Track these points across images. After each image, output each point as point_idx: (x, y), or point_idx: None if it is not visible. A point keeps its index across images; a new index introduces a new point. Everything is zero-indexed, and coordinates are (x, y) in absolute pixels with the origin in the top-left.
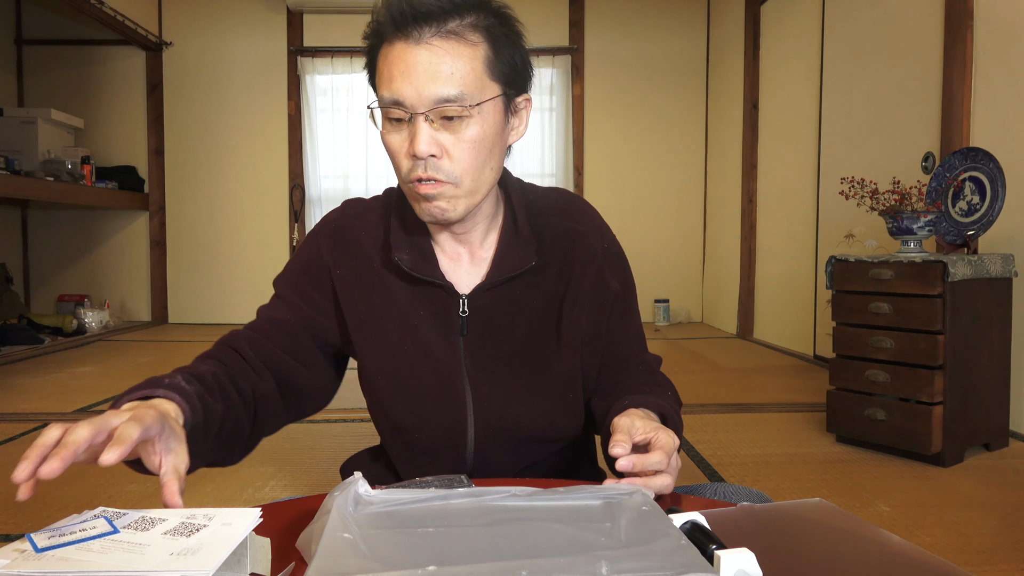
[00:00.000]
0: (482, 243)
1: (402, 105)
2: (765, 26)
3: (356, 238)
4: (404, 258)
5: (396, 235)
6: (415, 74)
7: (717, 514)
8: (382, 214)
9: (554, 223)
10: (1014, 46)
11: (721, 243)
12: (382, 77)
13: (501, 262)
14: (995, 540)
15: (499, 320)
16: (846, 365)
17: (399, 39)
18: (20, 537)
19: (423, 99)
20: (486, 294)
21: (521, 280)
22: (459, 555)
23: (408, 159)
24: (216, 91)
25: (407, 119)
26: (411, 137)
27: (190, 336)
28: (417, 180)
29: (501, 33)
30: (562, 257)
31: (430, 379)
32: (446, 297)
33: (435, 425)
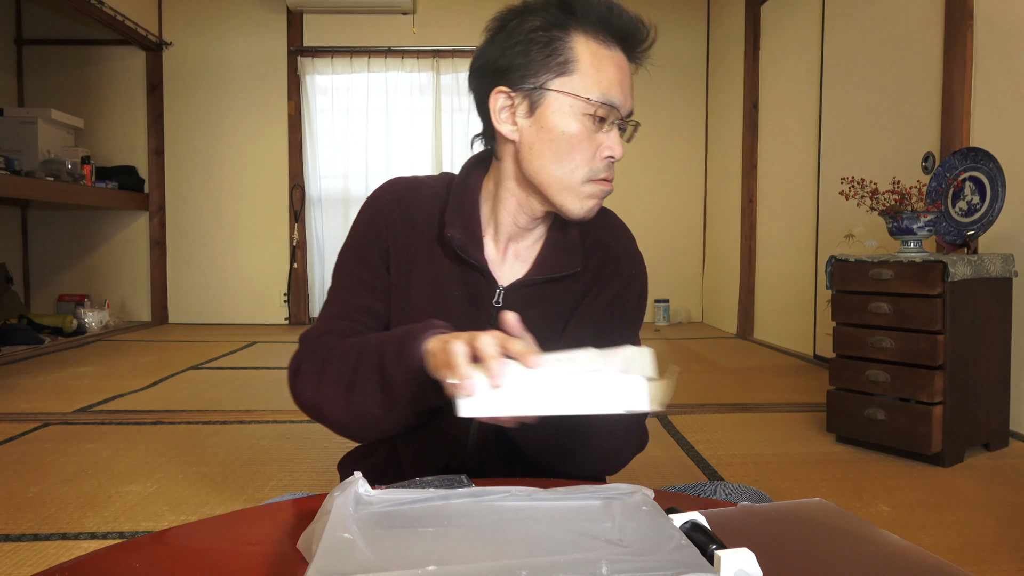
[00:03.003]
0: (531, 244)
1: (615, 110)
2: (765, 26)
3: (408, 209)
4: (456, 236)
5: (452, 214)
6: (627, 86)
7: (717, 514)
8: (437, 192)
9: (596, 235)
10: (1014, 46)
11: (721, 243)
12: (600, 76)
13: (544, 262)
14: (995, 540)
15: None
16: (846, 365)
17: (617, 47)
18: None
19: (627, 110)
20: (523, 290)
21: (559, 284)
22: (459, 555)
23: (599, 160)
24: (216, 91)
25: (611, 122)
26: (610, 141)
27: (190, 336)
28: (604, 179)
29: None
30: (596, 270)
31: None
32: (484, 284)
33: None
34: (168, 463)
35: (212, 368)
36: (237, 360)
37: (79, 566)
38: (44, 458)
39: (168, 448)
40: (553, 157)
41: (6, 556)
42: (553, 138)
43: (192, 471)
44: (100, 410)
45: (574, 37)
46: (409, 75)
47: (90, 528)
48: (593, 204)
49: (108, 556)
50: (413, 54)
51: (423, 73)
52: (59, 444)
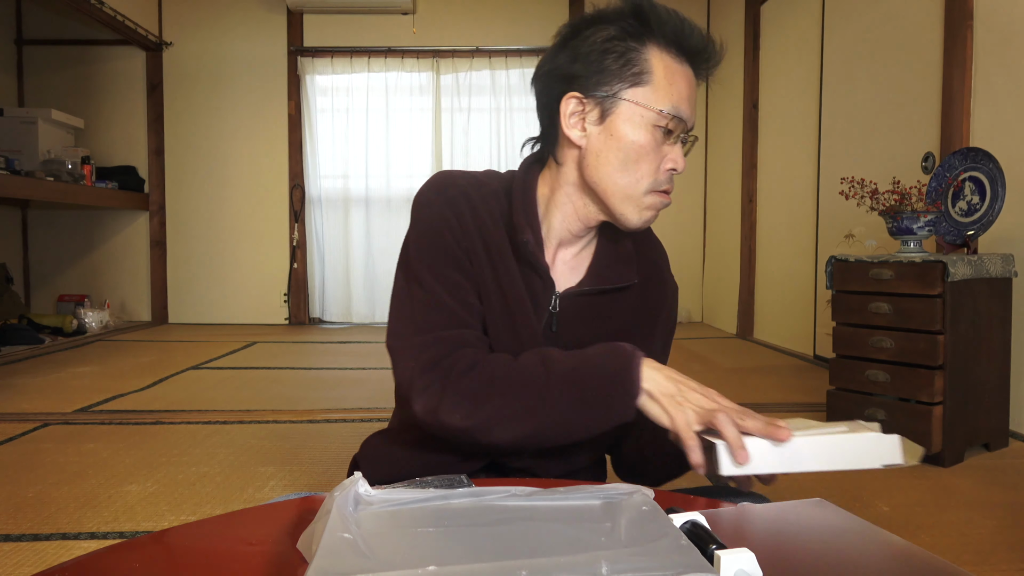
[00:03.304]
0: (580, 252)
1: (683, 123)
2: (765, 26)
3: (477, 207)
4: (529, 239)
5: (520, 216)
6: (695, 100)
7: (717, 514)
8: (495, 191)
9: (646, 253)
10: (1014, 46)
11: (721, 243)
12: (673, 89)
13: (599, 272)
14: (995, 540)
15: (579, 325)
16: (846, 365)
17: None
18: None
19: (691, 124)
20: (577, 299)
21: (612, 295)
22: (459, 555)
23: (661, 172)
24: (216, 91)
25: (677, 134)
26: (674, 154)
27: (190, 336)
28: (666, 191)
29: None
30: (645, 287)
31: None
32: (542, 289)
33: None
34: (168, 463)
35: (212, 368)
36: (237, 360)
37: (79, 566)
38: (44, 458)
39: (168, 448)
40: (620, 165)
41: (6, 556)
42: (622, 147)
43: (192, 471)
44: (100, 410)
45: (649, 49)
46: (409, 75)
47: (90, 528)
48: (651, 215)
49: (108, 556)
50: (413, 54)
51: (423, 73)
52: (59, 444)
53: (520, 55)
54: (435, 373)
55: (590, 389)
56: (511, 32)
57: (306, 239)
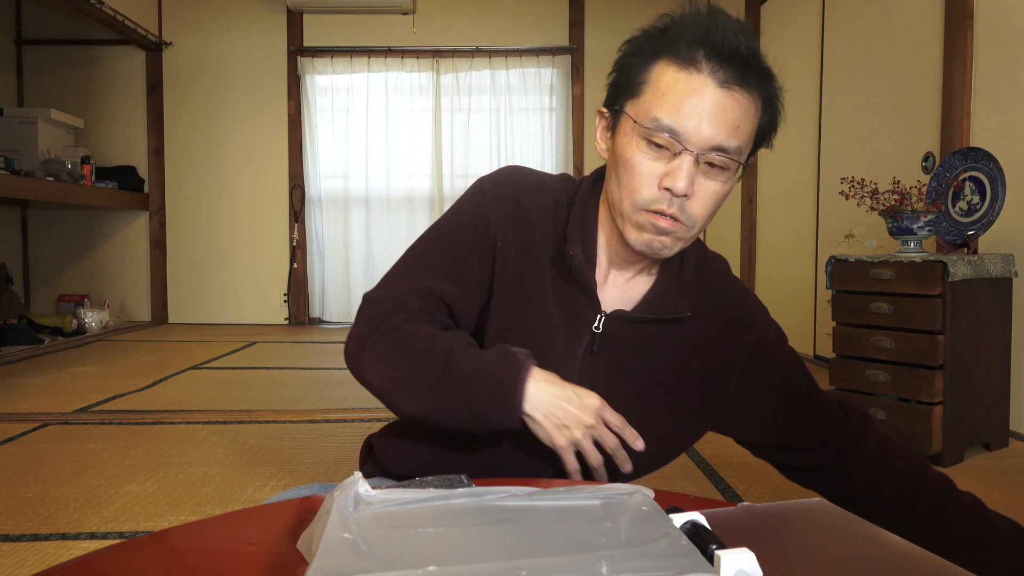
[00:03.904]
0: (634, 276)
1: (678, 138)
2: (765, 26)
3: (527, 212)
4: (576, 255)
5: (575, 228)
6: (707, 114)
7: (717, 514)
8: (557, 199)
9: (712, 280)
10: (1014, 46)
11: (721, 243)
12: (664, 100)
13: (654, 301)
14: None
15: (627, 352)
16: (846, 365)
17: (700, 71)
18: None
19: (703, 140)
20: (625, 324)
21: (664, 326)
22: (459, 555)
23: (657, 189)
24: (216, 91)
25: (674, 151)
26: (672, 170)
27: (190, 336)
28: (658, 212)
29: (775, 101)
30: (712, 317)
31: None
32: (586, 307)
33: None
34: (168, 463)
35: (212, 368)
36: (237, 360)
37: (79, 566)
38: (44, 458)
39: (168, 448)
40: (616, 180)
41: (6, 556)
42: (618, 161)
43: (192, 471)
44: (100, 410)
45: (659, 61)
46: (409, 75)
47: (90, 528)
48: (649, 238)
49: (108, 556)
50: (413, 54)
51: (423, 73)
52: (59, 444)
53: (520, 55)
54: (367, 327)
55: (476, 398)
56: (511, 32)
57: (306, 239)
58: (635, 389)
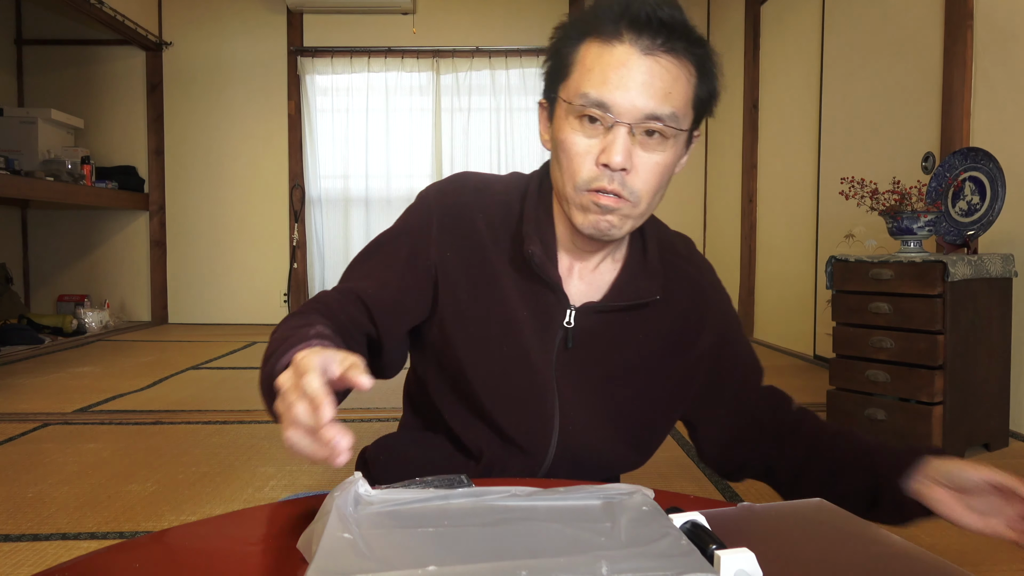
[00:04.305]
0: (598, 265)
1: (608, 110)
2: (765, 26)
3: (471, 219)
4: (535, 252)
5: (531, 226)
6: (634, 83)
7: (717, 514)
8: (507, 201)
9: (679, 265)
10: (1014, 46)
11: (721, 243)
12: (589, 75)
13: (622, 288)
14: (995, 540)
15: (601, 343)
16: (846, 365)
17: (622, 42)
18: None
19: (634, 110)
20: (596, 315)
21: (636, 312)
22: (459, 555)
23: (595, 166)
24: (216, 91)
25: (607, 125)
26: (606, 145)
27: (190, 336)
28: (599, 190)
29: (708, 65)
30: (681, 301)
31: (523, 383)
32: (555, 303)
33: (522, 425)
34: (168, 463)
35: (212, 368)
36: (237, 360)
37: (79, 566)
38: (44, 458)
39: (168, 448)
40: (556, 164)
41: (6, 556)
42: (558, 145)
43: (192, 471)
44: (100, 410)
45: (584, 41)
46: (409, 75)
47: (90, 528)
48: (595, 219)
49: (108, 556)
50: (413, 54)
51: (423, 73)
52: (59, 444)
53: (520, 55)
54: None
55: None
56: (511, 32)
57: (306, 239)
58: (615, 380)
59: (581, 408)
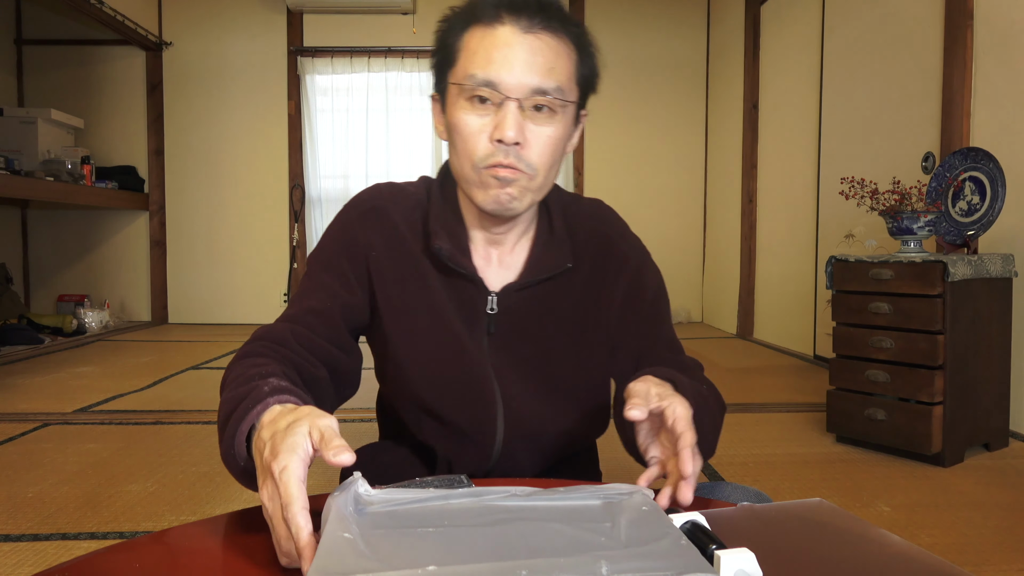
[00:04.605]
0: (513, 248)
1: (495, 87)
2: (765, 26)
3: (392, 221)
4: (443, 247)
5: (436, 223)
6: (518, 60)
7: (717, 514)
8: (419, 201)
9: (587, 226)
10: (1014, 46)
11: (721, 243)
12: (475, 57)
13: (535, 264)
14: (995, 540)
15: (526, 321)
16: (846, 365)
17: (503, 24)
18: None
19: (521, 86)
20: (516, 294)
21: (553, 282)
22: (459, 555)
23: (489, 143)
24: (216, 91)
25: (497, 103)
26: (498, 121)
27: (190, 336)
28: (495, 165)
29: (586, 43)
30: (593, 261)
31: (459, 371)
32: (475, 293)
33: (467, 414)
34: (168, 463)
35: (212, 368)
36: None
37: (79, 566)
38: (44, 458)
39: (168, 448)
40: (454, 150)
41: (6, 556)
42: (452, 130)
43: (192, 471)
44: (100, 410)
45: (468, 29)
46: (409, 75)
47: (90, 528)
48: (491, 193)
49: (108, 556)
50: (413, 54)
51: (423, 73)
52: (59, 444)
53: None
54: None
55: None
56: None
57: (306, 239)
58: (548, 353)
59: (521, 387)
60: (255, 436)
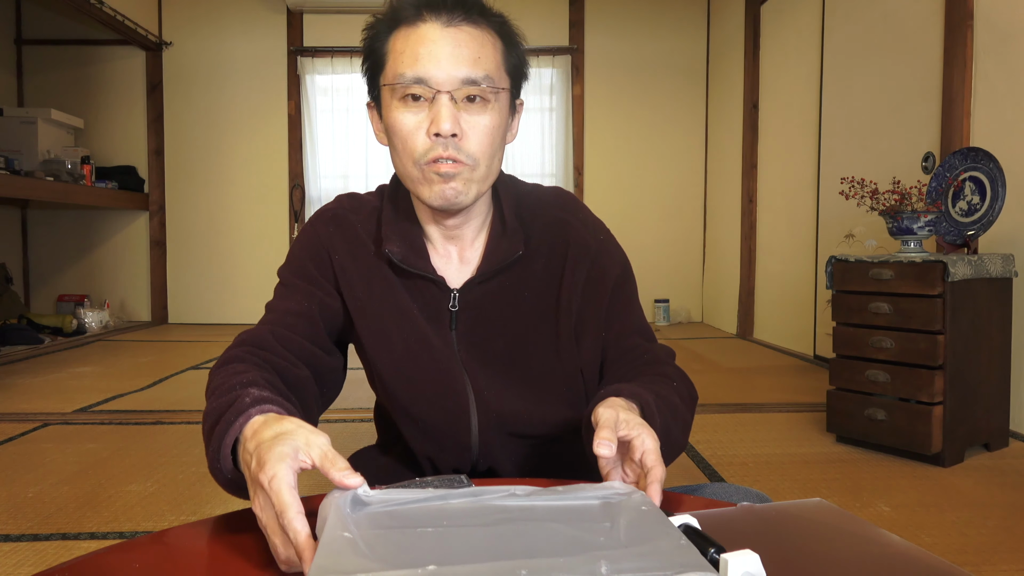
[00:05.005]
0: (472, 242)
1: (426, 83)
2: (765, 26)
3: (353, 229)
4: (395, 250)
5: (388, 227)
6: (443, 54)
7: (717, 514)
8: (376, 207)
9: (544, 213)
10: (1014, 46)
11: (721, 243)
12: (402, 57)
13: (490, 256)
14: (995, 540)
15: (490, 314)
16: (846, 365)
17: (425, 21)
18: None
19: (450, 78)
20: (477, 288)
21: (511, 273)
22: (458, 555)
23: (427, 138)
24: (216, 91)
25: (429, 98)
26: (434, 115)
27: (190, 336)
28: (436, 159)
29: (509, 32)
30: (552, 248)
31: (430, 369)
32: (437, 292)
33: (440, 412)
34: (168, 463)
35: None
36: None
37: (79, 566)
38: (44, 458)
39: (168, 448)
40: (395, 151)
41: (6, 556)
42: (390, 132)
43: (192, 471)
44: (100, 410)
45: (392, 33)
46: None
47: (90, 528)
48: (436, 189)
49: (108, 556)
50: None
51: None
52: (59, 444)
53: None
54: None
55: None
56: None
57: None
58: (515, 343)
59: (492, 381)
60: (240, 449)
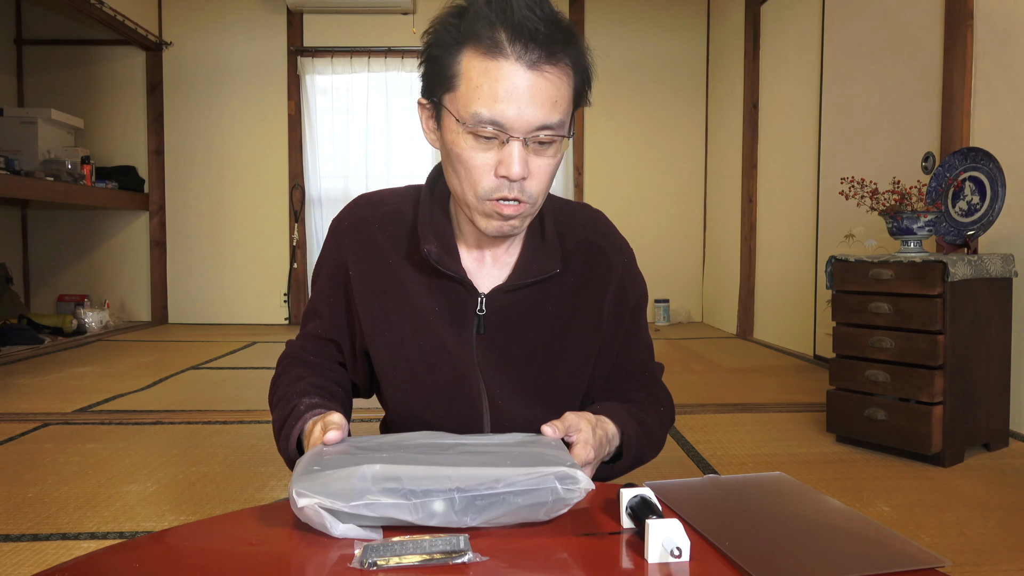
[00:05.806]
0: (508, 248)
1: (502, 128)
2: (765, 26)
3: (369, 232)
4: (432, 250)
5: (425, 228)
6: (523, 99)
7: (681, 484)
8: (400, 207)
9: (577, 233)
10: (1014, 46)
11: (721, 243)
12: (478, 92)
13: (525, 267)
14: (995, 540)
15: (515, 322)
16: (846, 365)
17: (505, 57)
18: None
19: (526, 124)
20: (505, 296)
21: (541, 286)
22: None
23: (494, 178)
24: (216, 91)
25: (502, 140)
26: (503, 158)
27: (190, 336)
28: (500, 199)
29: (583, 63)
30: (582, 267)
31: (445, 373)
32: (465, 294)
33: (453, 418)
34: (168, 463)
35: (212, 368)
36: (237, 360)
37: (79, 566)
38: (44, 458)
39: (168, 448)
40: (453, 172)
41: (6, 556)
42: (451, 155)
43: (192, 471)
44: (100, 410)
45: (464, 51)
46: (409, 75)
47: (90, 528)
48: (498, 225)
49: (108, 556)
50: (413, 54)
51: None
52: (59, 444)
53: None
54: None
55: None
56: None
57: (306, 239)
58: (535, 355)
59: (508, 388)
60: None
